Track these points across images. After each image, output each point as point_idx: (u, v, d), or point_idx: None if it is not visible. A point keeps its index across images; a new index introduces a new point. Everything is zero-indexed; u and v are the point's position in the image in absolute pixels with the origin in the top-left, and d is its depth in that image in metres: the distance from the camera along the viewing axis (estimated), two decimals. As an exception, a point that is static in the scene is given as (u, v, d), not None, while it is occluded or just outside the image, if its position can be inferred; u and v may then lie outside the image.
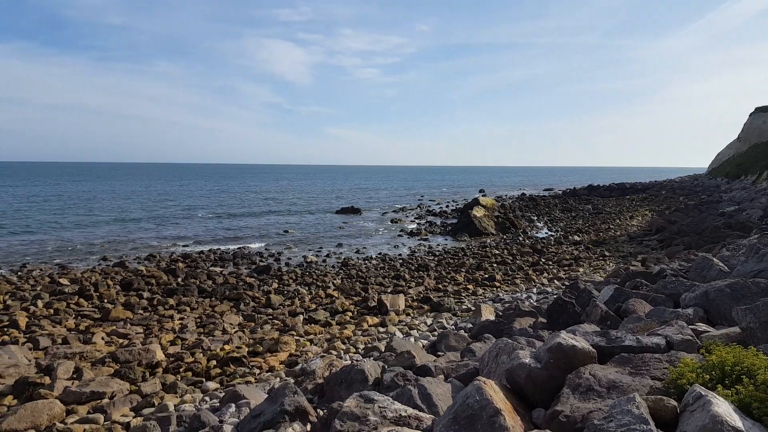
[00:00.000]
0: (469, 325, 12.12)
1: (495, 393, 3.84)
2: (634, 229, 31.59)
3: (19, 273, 19.63)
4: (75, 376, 9.56)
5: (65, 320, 13.58)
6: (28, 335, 12.27)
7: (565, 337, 4.42)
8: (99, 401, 8.54)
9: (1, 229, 32.25)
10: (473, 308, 14.23)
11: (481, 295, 16.71)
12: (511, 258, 22.78)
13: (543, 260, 22.04)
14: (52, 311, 14.39)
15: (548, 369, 4.27)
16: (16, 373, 9.31)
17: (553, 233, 31.99)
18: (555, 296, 12.86)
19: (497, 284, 17.86)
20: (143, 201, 56.67)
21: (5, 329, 12.71)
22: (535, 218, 40.48)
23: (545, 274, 19.32)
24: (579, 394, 3.99)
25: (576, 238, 28.76)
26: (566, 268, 20.45)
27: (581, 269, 20.09)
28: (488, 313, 12.63)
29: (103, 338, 12.18)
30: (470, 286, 17.55)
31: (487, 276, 18.95)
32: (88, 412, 8.21)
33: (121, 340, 12.20)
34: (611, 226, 33.41)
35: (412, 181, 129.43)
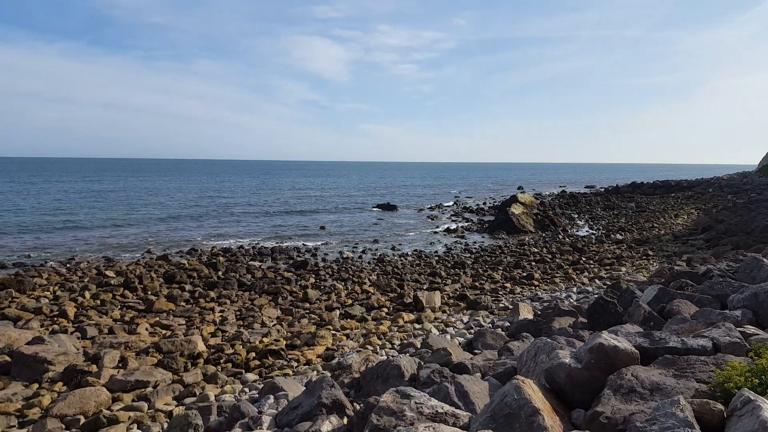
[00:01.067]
0: (507, 324, 12.00)
1: (534, 392, 3.79)
2: (679, 228, 30.66)
3: (68, 265, 20.41)
4: (120, 365, 9.90)
5: (111, 311, 14.07)
6: (76, 325, 12.76)
7: (606, 338, 4.33)
8: (143, 390, 8.83)
9: (46, 225, 33.57)
10: (511, 307, 14.08)
11: (519, 293, 16.52)
12: (550, 256, 22.42)
13: (583, 259, 21.61)
14: (98, 302, 14.92)
15: (589, 369, 4.19)
16: (66, 360, 9.69)
17: (594, 231, 31.35)
18: (596, 296, 12.60)
19: (536, 283, 17.61)
20: (185, 197, 58.11)
21: (55, 319, 13.26)
22: (576, 216, 39.72)
23: (586, 273, 18.95)
24: (620, 396, 3.91)
25: (618, 236, 28.10)
26: (608, 267, 20.02)
27: (623, 269, 19.62)
28: (526, 312, 12.48)
29: (147, 329, 12.57)
30: (508, 285, 17.36)
31: (525, 274, 18.71)
32: (133, 400, 8.50)
33: (164, 331, 12.57)
34: (655, 225, 32.50)
35: (448, 177, 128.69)
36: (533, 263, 21.09)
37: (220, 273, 19.13)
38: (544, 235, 30.26)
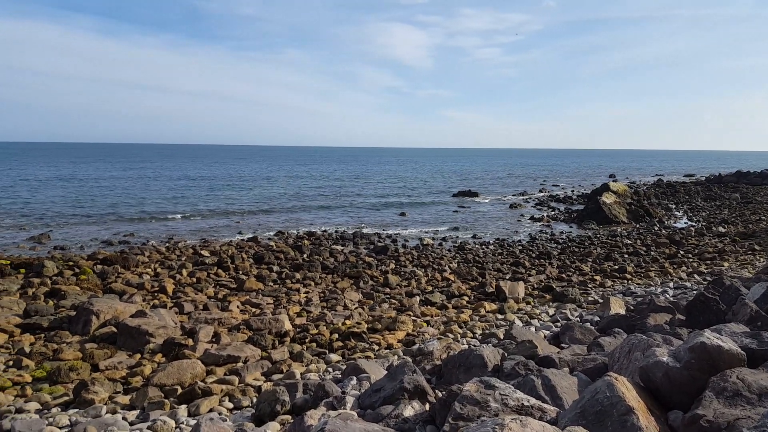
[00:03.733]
0: (596, 318, 11.52)
1: (627, 390, 3.62)
2: (792, 221, 28.07)
3: (167, 244, 21.85)
4: (214, 339, 10.48)
5: (206, 288, 14.92)
6: (174, 300, 13.66)
7: (709, 336, 4.04)
8: (234, 364, 9.30)
9: (145, 208, 36.09)
10: (601, 300, 13.49)
11: (609, 287, 15.80)
12: (644, 249, 21.26)
13: (681, 252, 20.31)
14: (194, 280, 15.87)
15: (688, 369, 3.93)
16: (165, 333, 10.39)
17: (693, 223, 29.39)
18: (695, 292, 11.83)
19: (628, 276, 16.77)
20: (272, 184, 60.42)
21: (156, 294, 14.26)
22: (674, 206, 37.38)
23: (684, 268, 17.80)
24: (724, 399, 3.64)
25: (720, 229, 26.13)
26: (708, 261, 18.69)
27: (726, 264, 18.24)
28: (618, 307, 11.92)
29: (238, 306, 13.24)
30: (597, 277, 16.65)
31: (616, 267, 17.87)
32: (225, 374, 8.97)
33: (253, 309, 13.18)
34: (763, 218, 29.96)
35: (533, 165, 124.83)
36: (626, 255, 20.08)
37: (305, 255, 19.75)
38: (638, 226, 28.74)
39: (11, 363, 9.18)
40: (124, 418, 7.30)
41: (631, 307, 11.97)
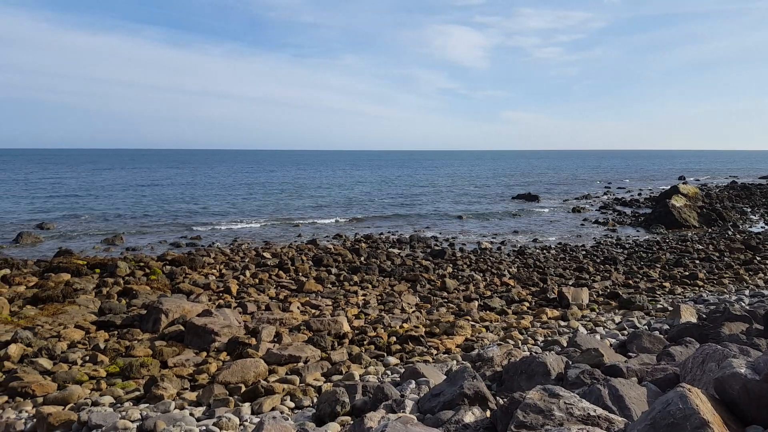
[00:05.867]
0: (666, 327, 11.01)
1: (702, 403, 3.43)
2: None
3: (231, 246, 22.57)
4: (275, 339, 10.72)
5: (268, 289, 15.31)
6: (238, 300, 14.09)
7: (794, 349, 3.78)
8: (295, 364, 9.48)
9: (211, 211, 37.35)
10: (670, 308, 12.89)
11: (679, 294, 15.08)
12: (717, 254, 20.17)
13: (758, 258, 19.12)
14: (257, 281, 16.32)
15: (770, 383, 3.69)
16: (229, 332, 10.73)
17: (771, 228, 27.63)
18: (774, 301, 11.09)
19: (700, 283, 15.95)
20: (331, 187, 61.34)
21: (221, 294, 14.75)
22: (749, 210, 35.26)
23: (761, 275, 16.77)
24: (810, 416, 3.40)
25: (803, 234, 24.45)
26: (789, 268, 17.53)
27: (809, 271, 17.05)
28: (689, 315, 11.35)
29: (298, 307, 13.51)
30: (666, 284, 15.92)
31: (687, 273, 17.03)
32: (286, 373, 9.16)
33: (313, 311, 13.41)
34: None
35: (597, 167, 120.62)
36: (697, 261, 19.11)
37: (362, 258, 19.92)
38: (709, 230, 27.33)
39: (87, 358, 9.74)
40: (191, 414, 7.56)
41: (704, 316, 11.37)
